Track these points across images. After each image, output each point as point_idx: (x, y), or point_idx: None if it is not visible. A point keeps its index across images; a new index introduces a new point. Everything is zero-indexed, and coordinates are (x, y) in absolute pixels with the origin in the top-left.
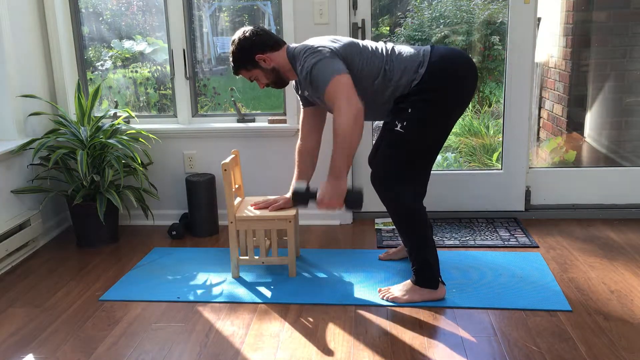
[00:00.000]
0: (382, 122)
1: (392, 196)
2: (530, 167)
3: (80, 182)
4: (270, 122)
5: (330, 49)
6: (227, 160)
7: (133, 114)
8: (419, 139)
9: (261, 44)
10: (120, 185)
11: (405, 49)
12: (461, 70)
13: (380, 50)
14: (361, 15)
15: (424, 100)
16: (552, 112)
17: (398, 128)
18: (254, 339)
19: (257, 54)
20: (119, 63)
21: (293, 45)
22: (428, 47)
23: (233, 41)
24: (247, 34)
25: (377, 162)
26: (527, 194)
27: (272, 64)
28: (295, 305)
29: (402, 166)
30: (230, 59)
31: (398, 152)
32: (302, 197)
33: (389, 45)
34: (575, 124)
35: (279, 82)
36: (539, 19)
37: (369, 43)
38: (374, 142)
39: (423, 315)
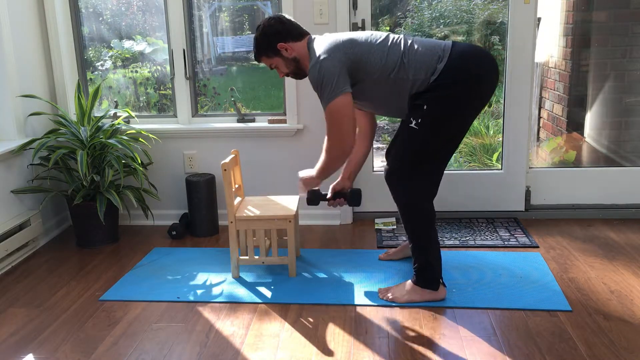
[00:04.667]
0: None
1: (403, 192)
2: (530, 167)
3: (80, 182)
4: (270, 122)
5: (340, 59)
6: (227, 160)
7: (133, 114)
8: (433, 136)
9: (285, 33)
10: (120, 185)
11: (426, 44)
12: (480, 68)
13: (399, 44)
14: (361, 15)
15: (440, 97)
16: (552, 112)
17: (413, 124)
18: (254, 339)
19: (280, 42)
20: (119, 63)
21: (314, 36)
22: (449, 42)
23: (258, 27)
24: (272, 22)
25: (391, 158)
26: (527, 194)
27: (294, 53)
28: (295, 305)
29: (414, 163)
30: (253, 44)
31: (411, 149)
32: (315, 196)
33: (409, 38)
34: (575, 124)
35: (299, 72)
36: (539, 19)
37: (388, 36)
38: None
39: (423, 315)
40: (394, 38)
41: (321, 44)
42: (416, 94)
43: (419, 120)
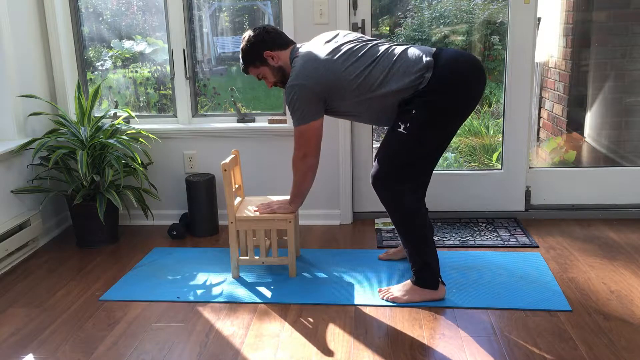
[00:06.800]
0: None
1: (391, 196)
2: (530, 167)
3: (80, 182)
4: (270, 122)
5: (313, 89)
6: (227, 160)
7: (133, 114)
8: (420, 140)
9: (270, 42)
10: (120, 185)
11: (412, 52)
12: (468, 74)
13: (385, 55)
14: (361, 15)
15: (428, 102)
16: (552, 112)
17: (401, 129)
18: (254, 339)
19: (266, 51)
20: (119, 63)
21: (298, 46)
22: (432, 50)
23: (244, 38)
24: (257, 31)
25: (377, 162)
26: (527, 194)
27: (279, 62)
28: (295, 305)
29: (402, 167)
30: (240, 55)
31: (399, 153)
32: None
33: (398, 48)
34: (575, 124)
35: (285, 82)
36: (539, 19)
37: (375, 48)
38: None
39: (423, 315)
40: (377, 53)
41: (302, 60)
42: (404, 101)
43: (407, 125)
